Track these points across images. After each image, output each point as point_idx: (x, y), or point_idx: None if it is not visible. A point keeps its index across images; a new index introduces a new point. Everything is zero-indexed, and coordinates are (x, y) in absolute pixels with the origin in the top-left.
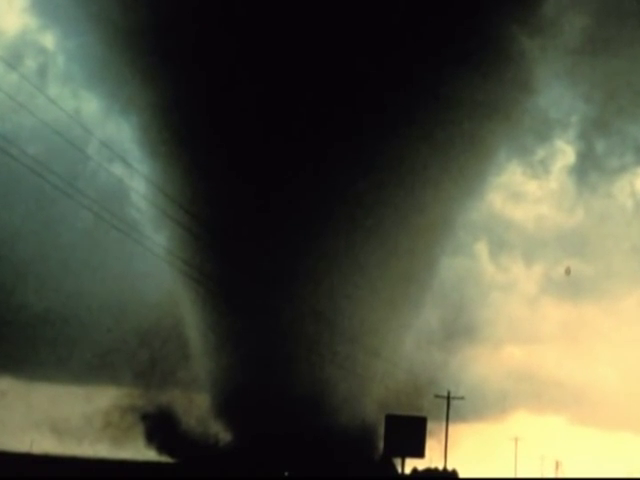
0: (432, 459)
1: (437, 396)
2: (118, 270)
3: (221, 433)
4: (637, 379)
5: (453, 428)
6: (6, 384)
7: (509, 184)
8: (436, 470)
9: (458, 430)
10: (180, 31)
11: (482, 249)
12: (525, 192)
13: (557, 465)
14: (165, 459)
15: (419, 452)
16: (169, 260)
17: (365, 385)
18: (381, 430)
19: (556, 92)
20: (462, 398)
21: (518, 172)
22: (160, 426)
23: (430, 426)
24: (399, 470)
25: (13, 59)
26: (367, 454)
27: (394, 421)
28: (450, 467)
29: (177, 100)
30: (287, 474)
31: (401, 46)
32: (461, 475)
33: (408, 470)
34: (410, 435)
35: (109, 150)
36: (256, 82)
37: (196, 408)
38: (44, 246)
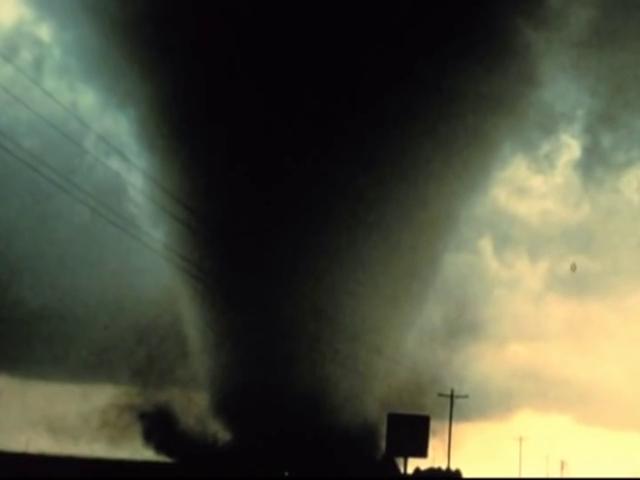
0: (435, 459)
1: (440, 395)
2: (115, 266)
3: (220, 432)
4: None
5: (456, 427)
6: (1, 382)
7: (514, 179)
8: (439, 470)
9: (462, 429)
10: (179, 23)
11: (486, 245)
12: (530, 187)
13: (562, 465)
14: (163, 459)
15: (422, 452)
16: (167, 256)
17: (367, 383)
18: (383, 429)
19: (561, 85)
20: (466, 397)
21: (523, 166)
22: (158, 425)
23: (433, 425)
24: (401, 470)
25: (8, 51)
26: (369, 454)
27: (396, 420)
28: (453, 467)
29: (176, 93)
30: (287, 474)
31: (403, 38)
32: (465, 475)
33: (411, 470)
34: (413, 434)
35: (106, 144)
36: (256, 75)
37: (195, 407)
38: (40, 242)
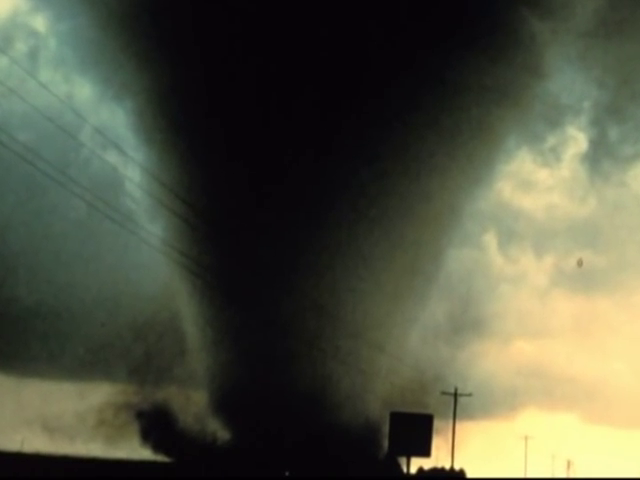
0: (438, 458)
1: (444, 393)
2: (112, 262)
3: (219, 431)
4: None
5: (460, 426)
6: None
7: (519, 172)
8: (443, 470)
9: (465, 428)
10: (177, 13)
11: (490, 240)
12: (535, 181)
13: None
14: (161, 458)
15: (425, 451)
16: (165, 251)
17: (369, 381)
18: (385, 428)
19: (568, 77)
20: (470, 395)
21: (528, 160)
22: (156, 424)
23: (436, 424)
24: (404, 470)
25: (3, 42)
26: (371, 453)
27: (399, 419)
28: (457, 467)
29: (173, 85)
30: (288, 474)
31: (406, 29)
32: (469, 475)
33: (414, 470)
34: (416, 433)
35: (103, 137)
36: (256, 67)
37: (193, 405)
38: (35, 237)
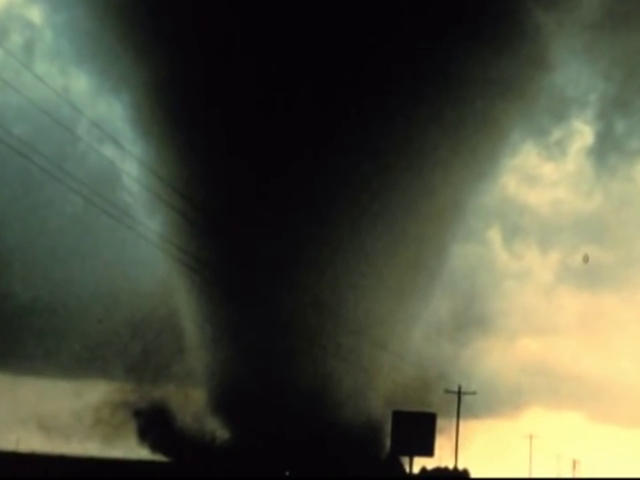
0: (442, 458)
1: (447, 391)
2: (109, 257)
3: (218, 430)
4: None
5: (464, 425)
6: None
7: (524, 166)
8: (446, 469)
9: (469, 427)
10: (175, 4)
11: (495, 235)
12: (540, 175)
13: (574, 464)
14: (159, 458)
15: (428, 450)
16: (163, 247)
17: (371, 379)
18: (388, 427)
19: (573, 69)
20: (474, 393)
21: (533, 154)
22: (153, 423)
23: (440, 423)
24: (407, 469)
25: None
26: (373, 452)
27: (402, 418)
28: (461, 466)
29: (172, 78)
30: (288, 474)
31: (409, 20)
32: (472, 475)
33: (416, 469)
34: (418, 432)
35: (99, 130)
36: (255, 59)
37: (192, 404)
38: (31, 232)
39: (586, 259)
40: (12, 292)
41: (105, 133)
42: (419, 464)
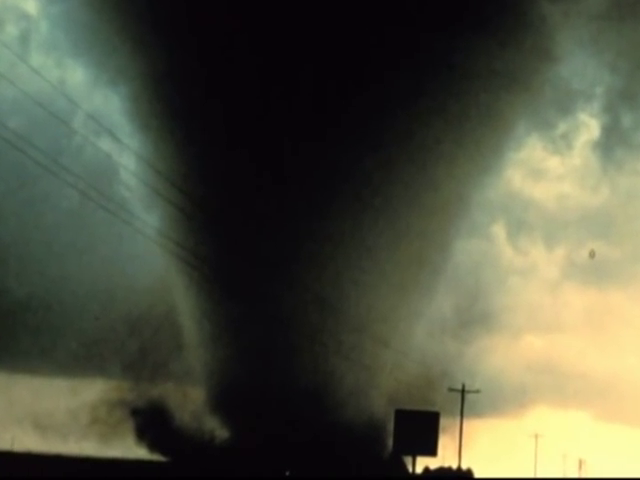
0: (445, 457)
1: (451, 389)
2: (106, 253)
3: (217, 430)
4: None
5: (468, 424)
6: None
7: (529, 160)
8: (449, 469)
9: (473, 426)
10: None
11: (499, 230)
12: (546, 169)
13: (580, 464)
14: (157, 458)
15: (431, 450)
16: (161, 242)
17: (373, 378)
18: (390, 426)
19: (580, 61)
20: (478, 392)
21: (538, 147)
22: (151, 422)
23: (443, 422)
24: (409, 469)
25: None
26: (375, 452)
27: (404, 416)
28: (464, 466)
29: (170, 69)
30: (288, 473)
31: (411, 11)
32: (476, 475)
33: (419, 469)
34: (421, 431)
35: (96, 123)
36: (255, 50)
37: (190, 403)
38: (26, 227)
39: (592, 255)
40: (7, 288)
41: (102, 126)
42: (422, 464)
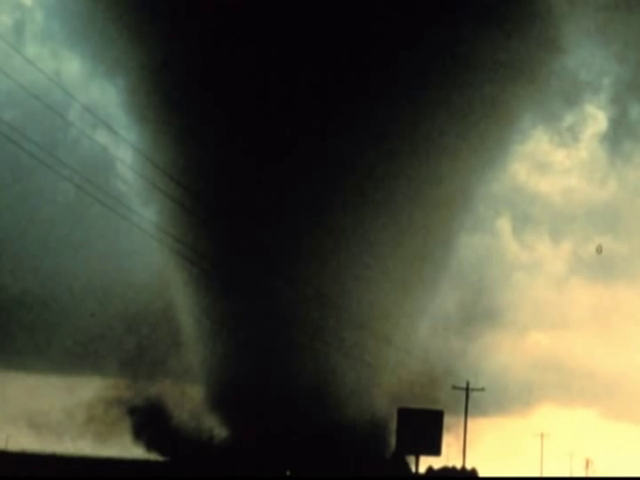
0: (449, 457)
1: (455, 387)
2: (102, 248)
3: (216, 428)
4: None
5: (472, 423)
6: None
7: (534, 153)
8: (453, 469)
9: (478, 425)
10: None
11: (504, 225)
12: (552, 162)
13: (587, 463)
14: (154, 457)
15: (435, 449)
16: (159, 237)
17: (375, 376)
18: (393, 425)
19: (587, 52)
20: (482, 390)
21: (544, 140)
22: (149, 420)
23: (447, 421)
24: (413, 469)
25: None
26: (377, 451)
27: (407, 415)
28: (469, 466)
29: (168, 60)
30: (289, 473)
31: (415, 1)
32: (481, 474)
33: (423, 469)
34: (425, 431)
35: (92, 116)
36: (255, 39)
37: (189, 401)
38: (20, 222)
39: (599, 250)
40: (1, 284)
41: (98, 118)
42: (425, 463)
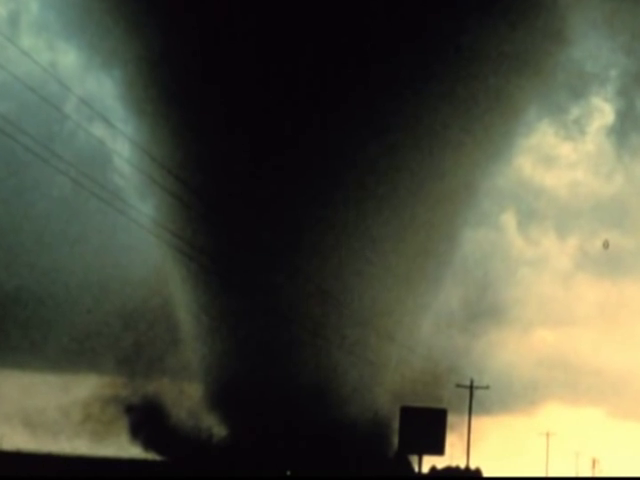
0: (453, 456)
1: (459, 385)
2: (99, 243)
3: (215, 427)
4: None
5: (476, 421)
6: None
7: (540, 146)
8: (457, 469)
9: (482, 424)
10: None
11: (509, 220)
12: (558, 156)
13: (594, 463)
14: (152, 456)
15: (438, 449)
16: (156, 232)
17: (377, 373)
18: (395, 424)
19: (593, 43)
20: (487, 388)
21: (550, 133)
22: (146, 419)
23: (450, 419)
24: (416, 469)
25: None
26: (380, 451)
27: (410, 414)
28: (473, 465)
29: (166, 52)
30: (290, 473)
31: None
32: (485, 474)
33: (426, 469)
34: (428, 429)
35: (89, 108)
36: (255, 30)
37: (187, 399)
38: (16, 216)
39: (606, 245)
40: None
41: (95, 111)
42: (428, 463)
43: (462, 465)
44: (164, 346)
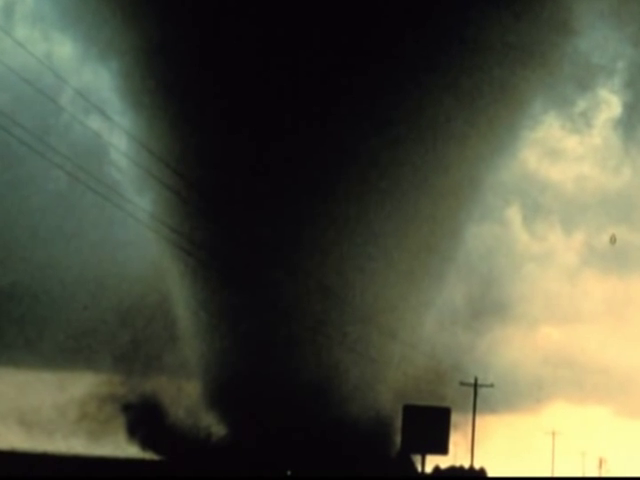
0: (457, 456)
1: (463, 384)
2: (95, 238)
3: (214, 426)
4: None
5: (481, 420)
6: None
7: (545, 140)
8: (461, 468)
9: (486, 423)
10: None
11: (514, 215)
12: (564, 149)
13: (601, 462)
14: (149, 456)
15: (442, 448)
16: (154, 227)
17: (380, 371)
18: (398, 423)
19: (600, 34)
20: (491, 386)
21: (556, 126)
22: (144, 418)
23: (454, 418)
24: (419, 469)
25: None
26: (382, 450)
27: (413, 412)
28: (477, 465)
29: (163, 42)
30: (290, 473)
31: None
32: (490, 474)
33: (429, 469)
34: (431, 428)
35: (85, 100)
36: (255, 21)
37: (185, 397)
38: (10, 211)
39: (613, 240)
40: None
41: (91, 103)
42: (432, 463)
43: (466, 465)
44: (162, 343)
